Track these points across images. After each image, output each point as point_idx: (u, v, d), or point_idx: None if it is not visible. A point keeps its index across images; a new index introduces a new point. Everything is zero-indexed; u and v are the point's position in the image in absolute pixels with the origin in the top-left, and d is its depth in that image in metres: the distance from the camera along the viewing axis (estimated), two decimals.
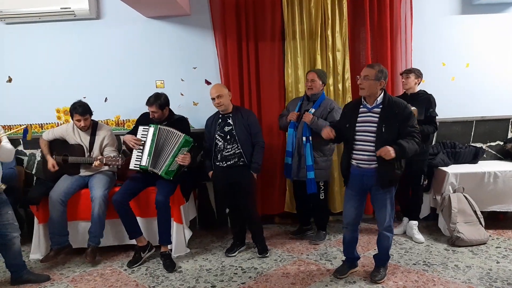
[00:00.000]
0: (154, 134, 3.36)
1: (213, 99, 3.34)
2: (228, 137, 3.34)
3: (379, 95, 2.73)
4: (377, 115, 2.71)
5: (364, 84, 2.70)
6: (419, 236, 3.62)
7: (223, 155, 3.36)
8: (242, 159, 3.35)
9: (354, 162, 2.81)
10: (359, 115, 2.77)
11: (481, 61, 4.07)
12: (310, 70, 3.63)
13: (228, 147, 3.34)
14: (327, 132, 2.82)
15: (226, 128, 3.36)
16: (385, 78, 2.71)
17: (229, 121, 3.37)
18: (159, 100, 3.39)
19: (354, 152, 2.79)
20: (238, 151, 3.34)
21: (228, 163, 3.35)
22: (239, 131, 3.33)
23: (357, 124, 2.76)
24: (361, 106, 2.79)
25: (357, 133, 2.76)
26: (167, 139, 3.36)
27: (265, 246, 3.47)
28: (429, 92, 3.60)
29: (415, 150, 2.67)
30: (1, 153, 2.85)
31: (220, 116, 3.42)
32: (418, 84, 3.62)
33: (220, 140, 3.37)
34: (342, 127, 2.86)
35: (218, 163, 3.40)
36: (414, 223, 3.70)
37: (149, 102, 3.39)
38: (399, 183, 3.79)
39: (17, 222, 3.02)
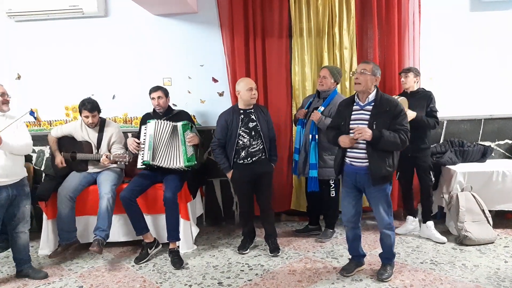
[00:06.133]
0: (152, 129, 3.41)
1: (250, 89, 3.29)
2: (253, 133, 3.33)
3: (372, 92, 2.75)
4: (369, 113, 2.72)
5: (361, 79, 2.72)
6: (439, 236, 3.53)
7: (249, 152, 3.33)
8: (264, 154, 3.38)
9: (347, 160, 2.82)
10: (353, 112, 2.80)
11: (490, 59, 4.02)
12: (324, 67, 3.60)
13: (253, 143, 3.33)
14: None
15: (251, 124, 3.33)
16: (380, 74, 2.76)
17: (252, 117, 3.36)
18: (162, 87, 3.55)
19: (348, 150, 2.80)
20: (262, 147, 3.36)
21: (253, 159, 3.35)
22: (263, 126, 3.36)
23: (351, 122, 2.78)
24: (354, 104, 2.81)
25: (351, 131, 2.77)
26: (167, 131, 3.42)
27: (277, 245, 3.45)
28: (433, 90, 3.58)
29: (396, 145, 2.65)
30: (12, 150, 2.89)
31: (242, 111, 3.38)
32: (417, 83, 3.60)
33: (246, 136, 3.32)
34: (338, 125, 2.86)
35: (241, 161, 3.35)
36: (431, 223, 3.63)
37: (153, 89, 3.54)
38: (403, 182, 3.81)
39: (29, 218, 3.08)
